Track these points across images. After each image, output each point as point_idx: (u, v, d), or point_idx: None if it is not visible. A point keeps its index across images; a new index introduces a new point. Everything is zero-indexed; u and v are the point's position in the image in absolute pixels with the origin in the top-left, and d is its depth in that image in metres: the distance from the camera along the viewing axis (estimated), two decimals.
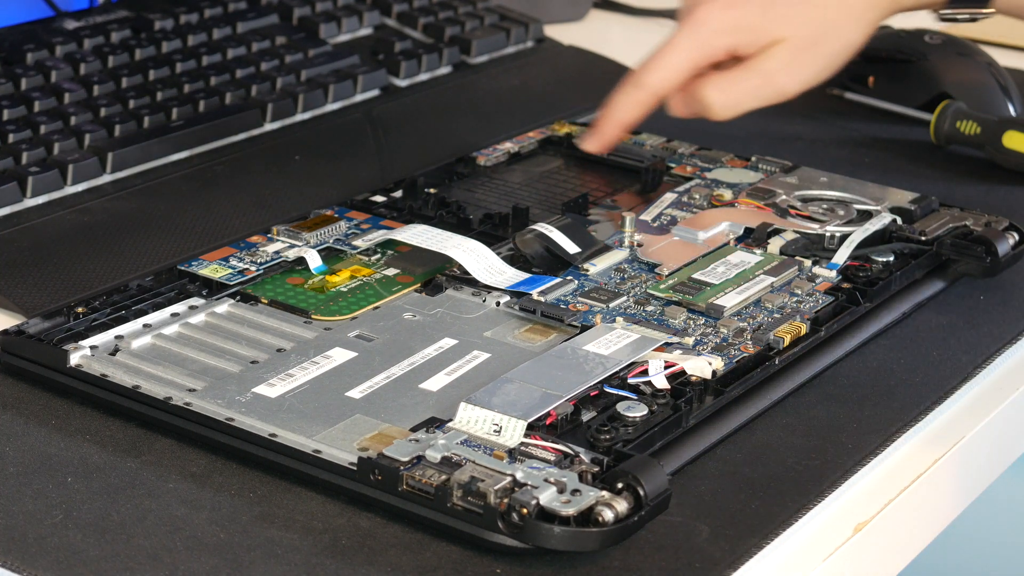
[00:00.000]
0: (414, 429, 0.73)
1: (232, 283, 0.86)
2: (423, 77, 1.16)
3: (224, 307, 0.84)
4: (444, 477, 0.69)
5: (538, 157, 1.05)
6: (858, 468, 0.76)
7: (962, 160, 1.09)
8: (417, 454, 0.70)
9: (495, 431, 0.72)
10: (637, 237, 0.92)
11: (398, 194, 0.98)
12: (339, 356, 0.80)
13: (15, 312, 0.85)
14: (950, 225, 0.94)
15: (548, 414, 0.73)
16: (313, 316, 0.83)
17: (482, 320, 0.84)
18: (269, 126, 1.06)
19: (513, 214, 0.94)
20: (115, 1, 1.16)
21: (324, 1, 1.20)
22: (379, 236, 0.91)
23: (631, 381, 0.77)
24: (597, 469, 0.70)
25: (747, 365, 0.80)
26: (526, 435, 0.71)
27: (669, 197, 0.97)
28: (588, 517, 0.67)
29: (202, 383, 0.77)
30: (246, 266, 0.88)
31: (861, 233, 0.91)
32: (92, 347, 0.80)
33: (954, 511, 0.81)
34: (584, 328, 0.82)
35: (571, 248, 0.89)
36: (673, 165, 1.02)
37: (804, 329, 0.83)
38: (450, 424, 0.73)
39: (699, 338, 0.82)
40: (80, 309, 0.83)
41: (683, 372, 0.78)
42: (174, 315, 0.83)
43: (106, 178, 0.97)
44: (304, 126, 1.07)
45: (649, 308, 0.84)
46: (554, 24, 1.33)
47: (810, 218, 0.94)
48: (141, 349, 0.80)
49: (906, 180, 1.04)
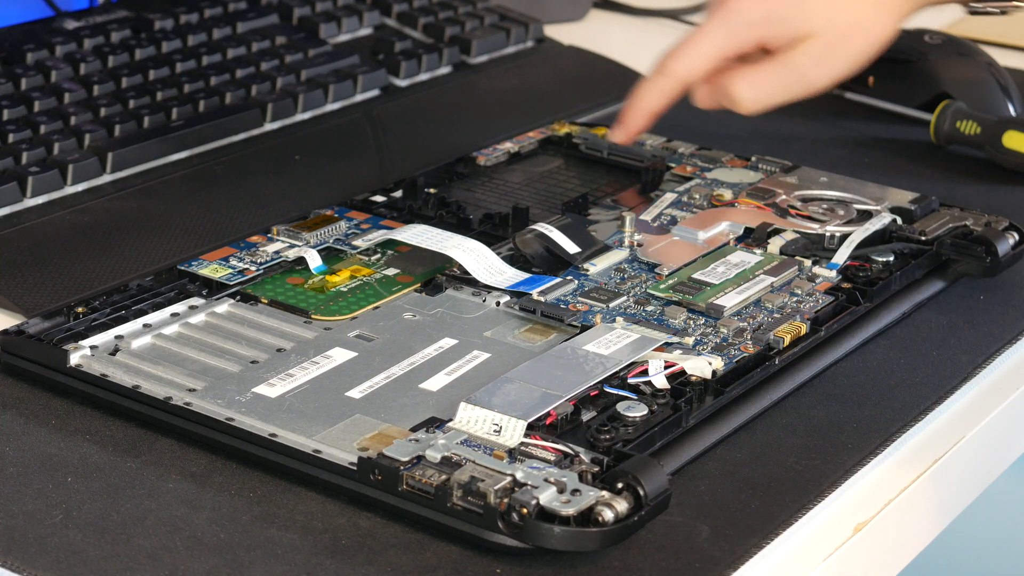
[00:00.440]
0: (414, 429, 0.73)
1: (232, 283, 0.86)
2: (423, 77, 1.16)
3: (224, 307, 0.84)
4: (444, 477, 0.69)
5: (538, 157, 1.05)
6: (858, 468, 0.76)
7: (962, 160, 1.09)
8: (417, 454, 0.70)
9: (495, 431, 0.72)
10: (637, 237, 0.92)
11: (398, 194, 0.97)
12: (339, 356, 0.80)
13: (15, 312, 0.85)
14: (950, 225, 0.94)
15: (548, 414, 0.73)
16: (313, 316, 0.83)
17: (482, 320, 0.84)
18: (269, 126, 1.06)
19: (513, 214, 0.94)
20: (115, 1, 1.15)
21: (324, 1, 1.20)
22: (379, 236, 0.91)
23: (631, 381, 0.77)
24: (597, 469, 0.70)
25: (747, 365, 0.80)
26: (526, 435, 0.71)
27: (669, 197, 0.97)
28: (588, 517, 0.67)
29: (202, 383, 0.77)
30: (246, 266, 0.88)
31: (861, 233, 0.91)
32: (92, 347, 0.80)
33: (954, 511, 0.81)
34: (584, 328, 0.82)
35: (571, 248, 0.89)
36: (673, 165, 1.02)
37: (804, 329, 0.83)
38: (450, 424, 0.73)
39: (699, 338, 0.82)
40: (80, 309, 0.83)
41: (683, 372, 0.78)
42: (174, 315, 0.83)
43: (106, 178, 0.97)
44: (304, 126, 1.07)
45: (649, 308, 0.84)
46: (554, 24, 1.32)
47: (810, 218, 0.94)
48: (141, 349, 0.80)
49: (906, 180, 1.04)
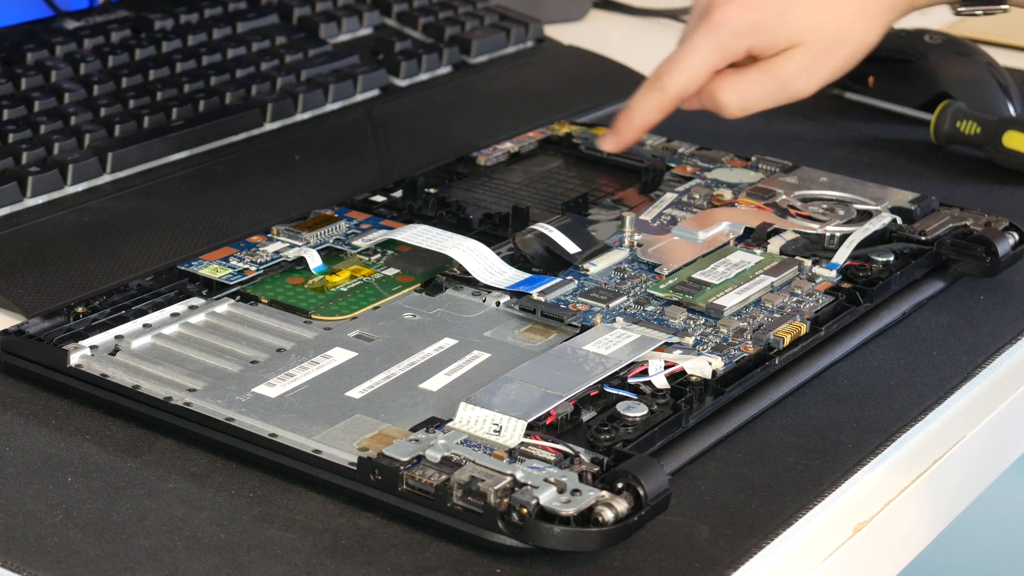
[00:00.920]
0: (414, 429, 0.73)
1: (232, 283, 0.86)
2: (423, 77, 1.16)
3: (224, 307, 0.84)
4: (444, 477, 0.69)
5: (538, 157, 1.05)
6: (858, 468, 0.76)
7: (962, 160, 1.09)
8: (417, 454, 0.70)
9: (495, 431, 0.72)
10: (637, 237, 0.92)
11: (398, 194, 0.98)
12: (339, 356, 0.80)
13: (15, 312, 0.85)
14: (950, 225, 0.94)
15: (548, 414, 0.73)
16: (313, 316, 0.83)
17: (482, 320, 0.84)
18: (269, 126, 1.06)
19: (513, 214, 0.94)
20: (115, 1, 1.15)
21: (324, 1, 1.20)
22: (379, 236, 0.91)
23: (631, 381, 0.77)
24: (597, 469, 0.70)
25: (747, 365, 0.80)
26: (526, 435, 0.71)
27: (669, 197, 0.97)
28: (588, 517, 0.67)
29: (202, 383, 0.77)
30: (246, 266, 0.88)
31: (861, 233, 0.91)
32: (92, 347, 0.80)
33: (954, 511, 0.81)
34: (584, 328, 0.82)
35: (571, 248, 0.89)
36: (673, 165, 1.02)
37: (804, 329, 0.83)
38: (450, 424, 0.73)
39: (699, 338, 0.82)
40: (80, 309, 0.83)
41: (683, 372, 0.78)
42: (174, 315, 0.83)
43: (106, 178, 0.97)
44: (304, 126, 1.07)
45: (649, 308, 0.84)
46: (554, 24, 1.32)
47: (810, 218, 0.94)
48: (141, 349, 0.80)
49: (906, 180, 1.04)
